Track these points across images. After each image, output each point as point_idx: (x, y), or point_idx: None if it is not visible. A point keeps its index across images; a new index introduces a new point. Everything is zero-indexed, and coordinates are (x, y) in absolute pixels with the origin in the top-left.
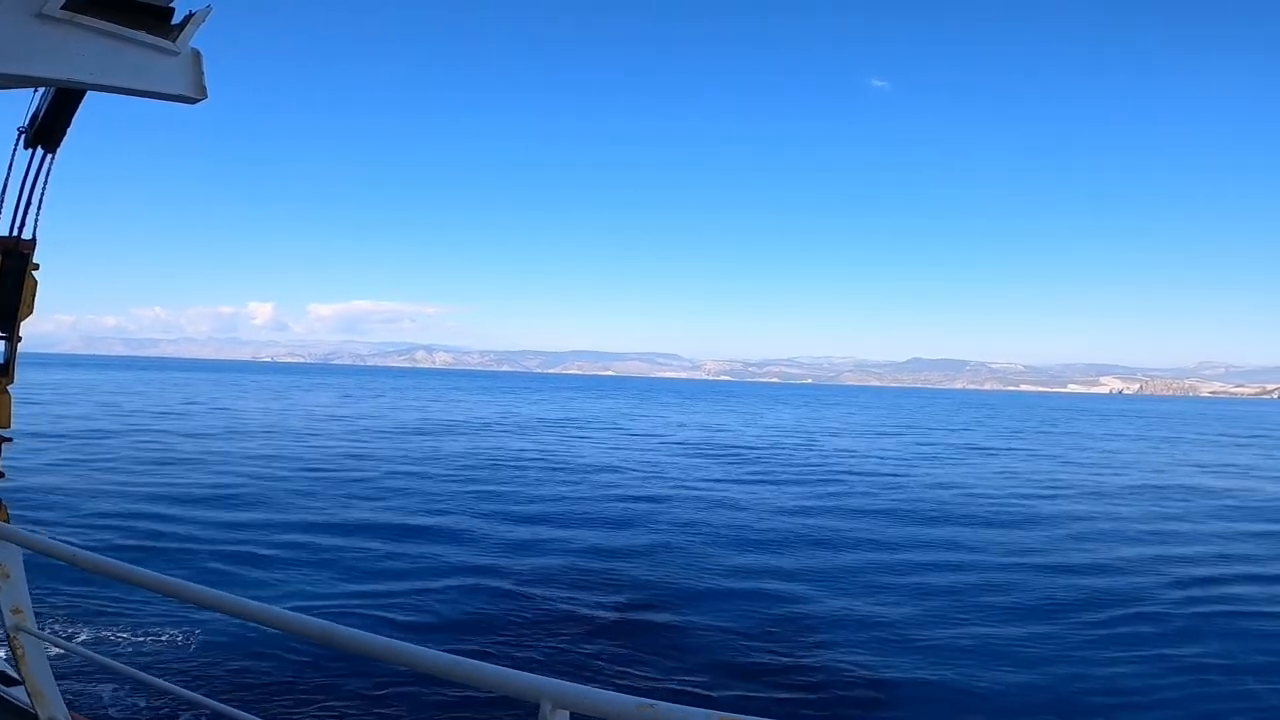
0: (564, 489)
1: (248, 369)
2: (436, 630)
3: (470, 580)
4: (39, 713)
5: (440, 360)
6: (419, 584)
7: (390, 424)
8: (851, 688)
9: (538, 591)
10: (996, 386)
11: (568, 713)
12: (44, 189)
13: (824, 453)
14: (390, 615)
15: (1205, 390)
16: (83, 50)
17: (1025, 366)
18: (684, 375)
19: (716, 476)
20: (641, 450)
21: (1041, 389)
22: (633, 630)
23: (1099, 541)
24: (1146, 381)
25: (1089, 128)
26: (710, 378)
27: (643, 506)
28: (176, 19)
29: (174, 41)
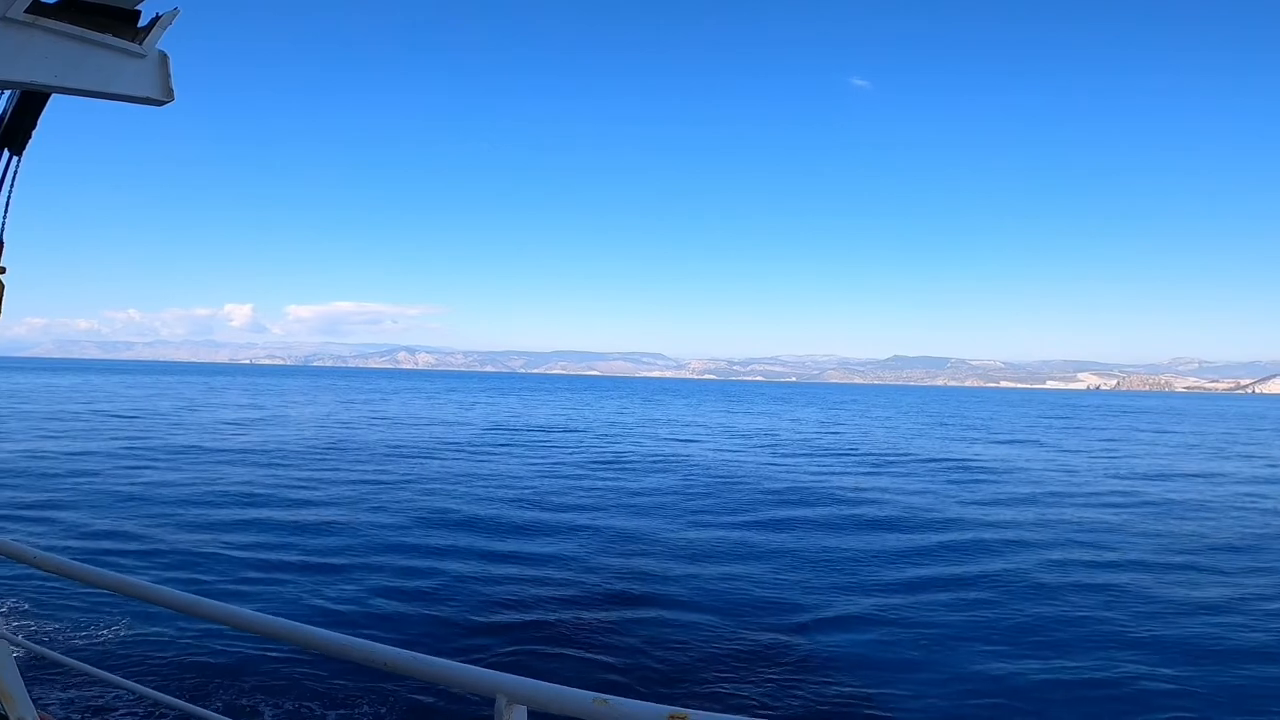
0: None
1: (230, 371)
2: (406, 625)
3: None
4: (7, 713)
5: (423, 361)
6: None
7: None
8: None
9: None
10: (977, 383)
11: (525, 708)
12: (10, 191)
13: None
14: (391, 607)
15: (1180, 386)
16: (48, 53)
17: (1004, 363)
18: (669, 374)
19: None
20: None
21: (1021, 385)
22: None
23: None
24: (1123, 378)
25: (1068, 127)
26: (695, 377)
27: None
28: (143, 21)
29: (141, 44)
